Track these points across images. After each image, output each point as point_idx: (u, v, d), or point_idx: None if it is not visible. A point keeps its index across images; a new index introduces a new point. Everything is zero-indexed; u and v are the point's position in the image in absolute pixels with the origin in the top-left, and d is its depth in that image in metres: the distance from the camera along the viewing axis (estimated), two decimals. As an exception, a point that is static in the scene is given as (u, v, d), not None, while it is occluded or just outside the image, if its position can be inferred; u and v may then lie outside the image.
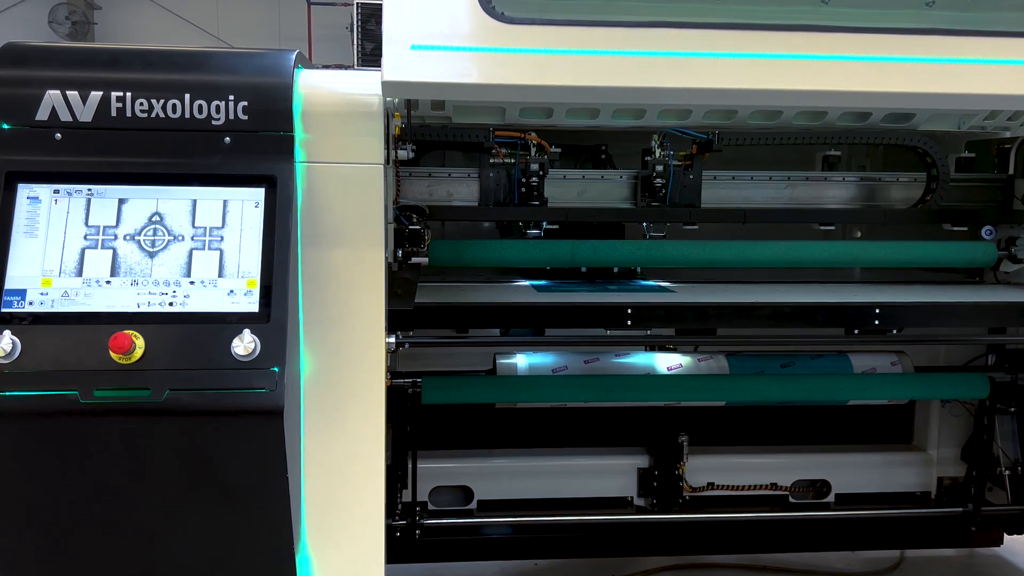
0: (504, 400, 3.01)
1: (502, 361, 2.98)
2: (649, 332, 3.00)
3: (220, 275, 2.02)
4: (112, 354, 1.90)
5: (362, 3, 10.22)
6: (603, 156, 3.43)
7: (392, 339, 2.33)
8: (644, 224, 3.16)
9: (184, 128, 2.07)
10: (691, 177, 3.05)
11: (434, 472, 3.29)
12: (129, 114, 2.06)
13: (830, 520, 3.40)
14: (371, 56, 10.06)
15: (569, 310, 2.69)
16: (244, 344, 1.94)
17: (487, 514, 3.25)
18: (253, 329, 1.96)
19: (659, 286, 3.07)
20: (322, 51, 12.76)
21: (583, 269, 3.17)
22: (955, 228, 3.17)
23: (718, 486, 3.40)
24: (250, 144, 2.09)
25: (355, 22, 10.39)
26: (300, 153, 2.12)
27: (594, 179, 3.15)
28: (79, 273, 1.99)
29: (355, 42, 10.41)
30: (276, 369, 1.95)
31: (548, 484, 3.35)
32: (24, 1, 13.43)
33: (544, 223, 3.07)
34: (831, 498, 3.44)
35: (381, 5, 2.13)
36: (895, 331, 2.90)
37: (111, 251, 2.01)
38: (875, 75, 2.21)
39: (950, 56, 2.25)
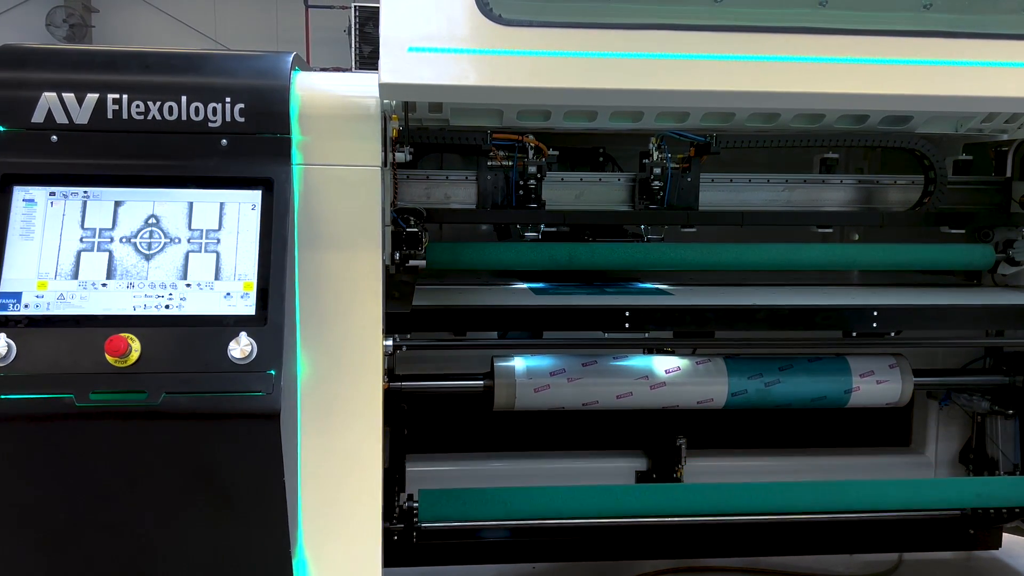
0: (508, 518, 2.93)
1: (500, 364, 2.97)
2: (647, 334, 2.99)
3: (217, 278, 2.01)
4: (108, 357, 1.89)
5: (360, 6, 10.23)
6: (601, 159, 3.43)
7: (390, 342, 2.32)
8: (642, 227, 3.15)
9: (181, 130, 2.06)
10: (689, 180, 3.05)
11: (431, 476, 3.27)
12: (125, 116, 2.05)
13: (829, 523, 3.40)
14: (369, 59, 10.05)
15: (567, 312, 2.69)
16: (241, 347, 1.93)
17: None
18: (250, 332, 1.95)
19: (657, 289, 3.07)
20: (320, 54, 12.76)
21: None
22: (953, 231, 3.17)
23: (716, 489, 3.39)
24: (247, 146, 2.08)
25: (353, 25, 10.39)
26: (297, 155, 2.12)
27: (592, 182, 3.15)
28: (75, 276, 1.98)
29: (353, 45, 10.41)
30: (273, 372, 1.94)
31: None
32: (22, 4, 13.43)
33: (542, 226, 3.06)
34: (829, 501, 3.44)
35: (379, 8, 2.13)
36: (893, 334, 2.90)
37: (107, 254, 2.00)
38: (873, 77, 2.20)
39: (947, 58, 2.25)
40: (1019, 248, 3.14)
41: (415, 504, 2.83)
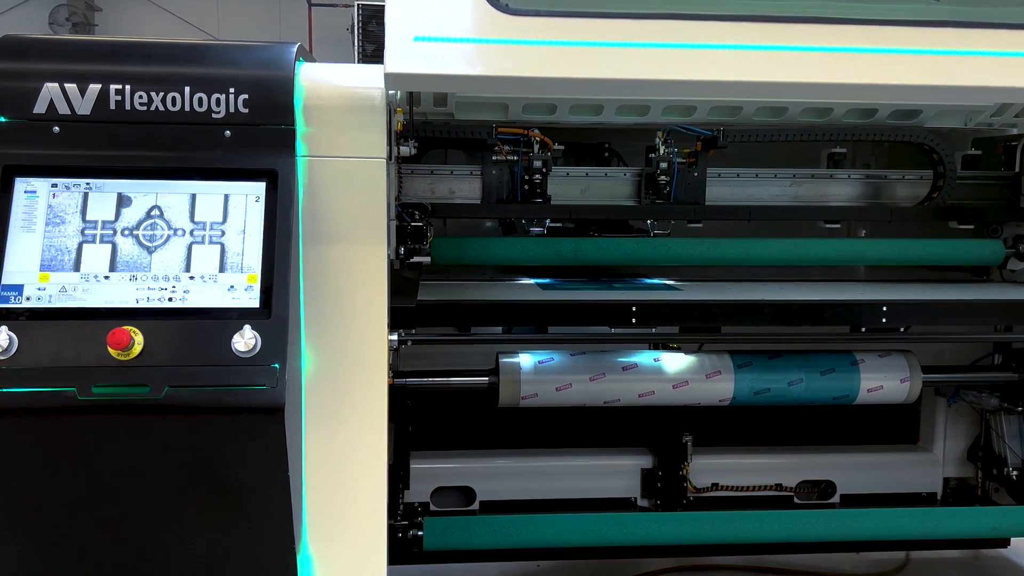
0: (513, 546, 2.91)
1: (505, 360, 2.95)
2: (654, 330, 2.97)
3: (220, 270, 1.99)
4: (110, 350, 1.87)
5: (363, 4, 10.20)
6: (606, 154, 3.41)
7: (394, 337, 2.30)
8: (648, 222, 3.13)
9: (184, 121, 2.04)
10: (695, 174, 3.03)
11: (436, 473, 3.25)
12: (128, 107, 2.03)
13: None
14: (372, 58, 10.03)
15: (573, 308, 2.66)
16: (245, 340, 1.91)
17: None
18: (254, 325, 1.92)
19: (664, 284, 3.04)
20: (323, 53, 12.73)
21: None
22: (961, 226, 3.14)
23: (722, 487, 3.37)
24: (251, 137, 2.06)
25: (356, 23, 10.36)
26: (301, 147, 2.09)
27: (597, 176, 3.13)
28: (77, 268, 1.96)
29: (356, 44, 10.38)
30: (277, 366, 1.92)
31: (551, 485, 3.32)
32: (25, 2, 13.43)
33: (547, 221, 3.04)
34: (836, 499, 3.41)
35: (382, 7, 2.11)
36: (902, 330, 2.87)
37: (109, 245, 1.98)
38: (882, 67, 2.18)
39: (958, 48, 2.23)
40: (1029, 244, 3.12)
41: (420, 533, 2.80)
